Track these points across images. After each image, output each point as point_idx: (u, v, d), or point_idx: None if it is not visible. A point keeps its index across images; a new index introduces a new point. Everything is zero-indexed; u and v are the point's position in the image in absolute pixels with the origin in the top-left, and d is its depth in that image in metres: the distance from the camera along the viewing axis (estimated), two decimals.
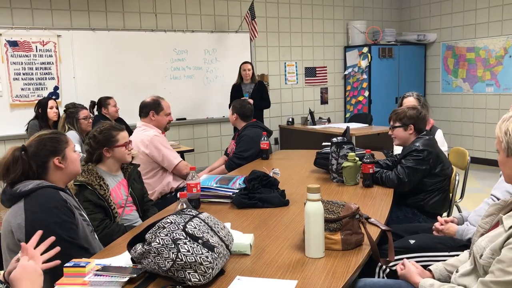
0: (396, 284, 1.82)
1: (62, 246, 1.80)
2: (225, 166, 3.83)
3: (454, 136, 7.70)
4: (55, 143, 1.98)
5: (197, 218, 1.66)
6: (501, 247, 1.44)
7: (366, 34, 7.83)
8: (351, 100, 8.03)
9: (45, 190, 1.89)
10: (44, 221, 1.81)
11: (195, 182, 2.47)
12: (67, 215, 1.89)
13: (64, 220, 1.86)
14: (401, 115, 3.00)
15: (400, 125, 3.00)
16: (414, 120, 2.96)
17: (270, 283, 1.56)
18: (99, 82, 5.94)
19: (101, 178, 2.48)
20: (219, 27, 6.84)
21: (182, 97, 6.54)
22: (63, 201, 1.91)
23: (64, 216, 1.87)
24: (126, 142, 2.63)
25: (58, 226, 1.83)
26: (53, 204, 1.86)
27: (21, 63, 5.53)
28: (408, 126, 2.98)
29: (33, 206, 1.84)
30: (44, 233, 1.71)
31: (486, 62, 7.26)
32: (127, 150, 2.63)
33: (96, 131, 2.63)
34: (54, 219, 1.84)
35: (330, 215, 1.83)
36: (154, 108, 3.50)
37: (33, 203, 1.84)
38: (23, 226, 1.82)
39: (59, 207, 1.87)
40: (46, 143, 1.96)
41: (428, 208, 2.88)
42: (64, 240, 1.82)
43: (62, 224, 1.85)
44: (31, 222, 1.81)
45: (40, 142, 1.96)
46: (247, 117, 4.01)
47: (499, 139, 1.58)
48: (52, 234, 1.79)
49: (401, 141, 3.04)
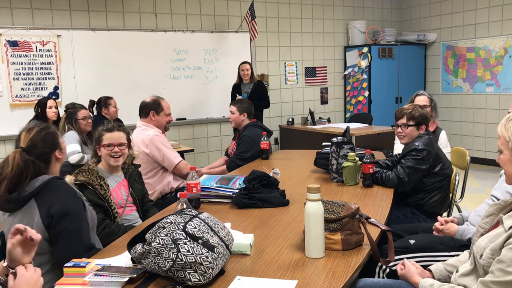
0: (396, 284, 1.82)
1: (72, 239, 1.83)
2: (226, 167, 3.83)
3: (454, 136, 7.70)
4: (52, 137, 2.00)
5: (197, 218, 1.66)
6: (501, 247, 1.44)
7: (366, 34, 7.83)
8: (351, 100, 8.03)
9: (54, 182, 1.90)
10: (58, 212, 1.82)
11: (195, 182, 2.47)
12: (80, 206, 1.93)
13: (77, 210, 1.89)
14: (415, 114, 2.93)
15: (413, 124, 2.95)
16: (427, 120, 2.97)
17: (270, 283, 1.56)
18: (99, 82, 5.94)
19: (102, 178, 2.48)
20: (219, 27, 6.84)
21: (182, 97, 6.54)
22: (73, 190, 1.94)
23: (77, 206, 1.91)
24: (110, 143, 2.55)
25: (72, 216, 1.86)
26: (69, 194, 1.90)
27: (21, 63, 5.53)
28: (421, 125, 2.96)
29: (50, 199, 1.84)
30: (63, 221, 1.76)
31: (486, 62, 7.26)
32: (110, 151, 2.54)
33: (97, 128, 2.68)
34: (74, 207, 1.87)
35: (330, 215, 1.83)
36: (154, 108, 3.50)
37: (49, 197, 1.85)
38: (41, 222, 1.82)
39: (73, 195, 1.92)
40: (46, 140, 1.97)
41: (427, 208, 2.88)
42: (74, 231, 1.84)
43: (75, 214, 1.87)
44: (47, 217, 1.82)
45: (42, 140, 1.95)
46: (251, 114, 4.06)
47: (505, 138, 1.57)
48: (64, 225, 1.83)
49: (411, 140, 2.97)
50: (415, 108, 2.99)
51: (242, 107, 3.99)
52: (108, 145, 2.55)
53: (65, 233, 1.84)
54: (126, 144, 2.64)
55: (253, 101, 5.32)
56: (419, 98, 3.72)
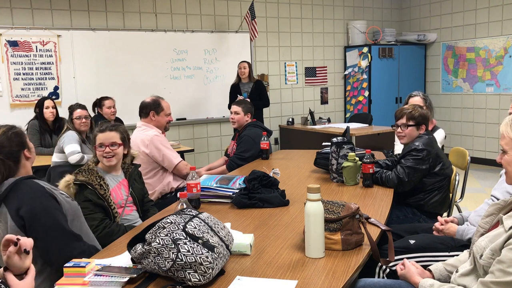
0: (396, 284, 1.82)
1: (52, 234, 1.81)
2: (226, 167, 3.83)
3: (454, 136, 7.70)
4: (19, 136, 1.99)
5: (197, 218, 1.66)
6: (501, 247, 1.44)
7: (366, 34, 7.83)
8: (351, 100, 8.03)
9: (20, 183, 1.89)
10: (27, 213, 1.81)
11: (195, 182, 2.46)
12: (50, 200, 1.90)
13: (48, 206, 1.87)
14: (415, 114, 2.93)
15: (413, 124, 2.95)
16: (427, 120, 2.96)
17: (270, 283, 1.56)
18: (99, 82, 5.94)
19: (101, 178, 2.48)
20: (219, 27, 6.84)
21: (182, 97, 6.54)
22: (41, 188, 1.91)
23: (46, 202, 1.88)
24: (101, 143, 2.54)
25: (45, 212, 1.84)
26: (34, 194, 1.87)
27: (21, 63, 5.53)
28: (421, 125, 2.95)
29: (17, 201, 1.84)
30: (34, 223, 1.72)
31: (486, 62, 7.26)
32: (102, 152, 2.53)
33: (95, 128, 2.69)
34: (39, 207, 1.84)
35: (330, 215, 1.83)
36: (154, 108, 3.49)
37: (16, 199, 1.84)
38: (14, 225, 1.81)
39: (39, 195, 1.88)
40: (13, 139, 1.95)
41: (428, 208, 2.88)
42: (51, 228, 1.83)
43: (48, 210, 1.86)
44: (18, 218, 1.81)
45: (9, 139, 1.94)
46: (253, 115, 4.08)
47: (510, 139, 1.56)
48: (42, 221, 1.81)
49: (411, 140, 2.97)
50: (415, 108, 2.98)
51: (246, 108, 3.99)
52: (100, 145, 2.55)
53: (42, 230, 1.83)
54: (119, 144, 2.59)
55: (253, 101, 5.33)
56: (413, 99, 3.73)
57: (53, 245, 1.84)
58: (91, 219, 2.36)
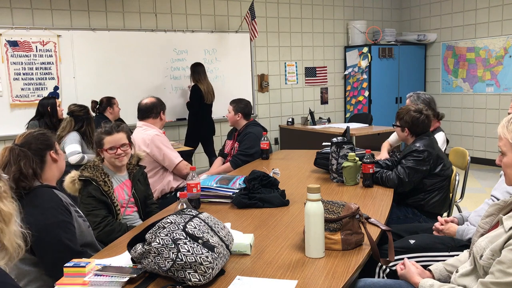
0: (396, 284, 1.82)
1: (58, 248, 1.80)
2: (230, 163, 3.83)
3: (454, 136, 7.70)
4: (45, 136, 2.02)
5: (197, 218, 1.66)
6: (501, 248, 1.44)
7: (366, 34, 7.83)
8: (351, 100, 8.03)
9: (38, 190, 1.89)
10: (40, 222, 1.79)
11: (195, 182, 2.47)
12: (64, 214, 1.89)
13: (62, 220, 1.86)
14: (399, 116, 3.07)
15: (398, 125, 3.09)
16: (409, 124, 3.00)
17: (270, 283, 1.56)
18: (99, 82, 5.94)
19: (106, 175, 2.49)
20: (219, 27, 6.84)
21: (182, 97, 6.53)
22: (59, 200, 1.91)
23: (61, 216, 1.87)
24: (112, 146, 2.55)
25: (56, 226, 1.83)
26: (48, 204, 1.86)
27: (21, 63, 5.52)
28: (404, 128, 3.02)
29: (29, 208, 1.81)
30: (41, 235, 1.70)
31: (486, 62, 7.26)
32: (114, 154, 2.55)
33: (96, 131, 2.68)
34: (51, 219, 1.83)
35: (330, 215, 1.83)
36: (162, 108, 3.59)
37: (29, 205, 1.82)
38: None
39: (55, 206, 1.87)
40: (39, 137, 1.99)
41: (428, 208, 2.88)
42: (61, 242, 1.82)
43: (60, 224, 1.85)
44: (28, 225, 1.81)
45: (35, 138, 1.98)
46: (248, 115, 4.09)
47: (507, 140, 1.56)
48: (50, 235, 1.79)
49: (401, 139, 3.19)
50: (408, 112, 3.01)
51: (237, 107, 4.04)
52: (111, 148, 2.55)
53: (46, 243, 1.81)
54: (128, 143, 2.63)
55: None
56: (407, 102, 3.82)
57: (48, 258, 1.82)
58: (93, 215, 2.37)
